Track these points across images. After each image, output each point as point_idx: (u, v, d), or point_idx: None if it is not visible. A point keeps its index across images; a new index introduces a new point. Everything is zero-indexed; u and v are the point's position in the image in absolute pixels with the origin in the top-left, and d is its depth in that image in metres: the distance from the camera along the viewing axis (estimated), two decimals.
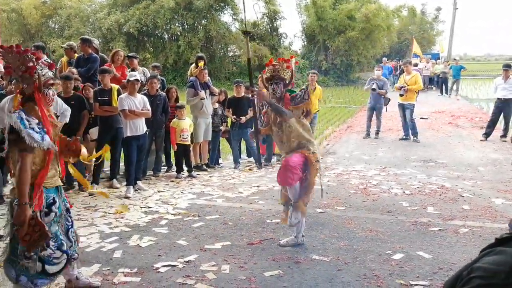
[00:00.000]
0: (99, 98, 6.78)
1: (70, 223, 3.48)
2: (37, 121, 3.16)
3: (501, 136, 10.75)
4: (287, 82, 4.47)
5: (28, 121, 3.10)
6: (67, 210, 3.47)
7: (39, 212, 3.16)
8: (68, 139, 3.57)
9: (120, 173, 7.58)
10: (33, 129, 3.09)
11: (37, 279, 3.23)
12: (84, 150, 3.67)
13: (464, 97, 22.24)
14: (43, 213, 3.20)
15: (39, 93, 3.22)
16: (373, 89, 11.11)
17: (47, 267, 3.22)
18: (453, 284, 0.93)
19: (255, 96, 4.72)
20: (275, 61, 4.59)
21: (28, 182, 3.08)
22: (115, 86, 6.90)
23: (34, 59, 3.19)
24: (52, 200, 3.27)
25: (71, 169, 3.82)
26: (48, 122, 3.24)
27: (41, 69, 3.23)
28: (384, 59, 27.13)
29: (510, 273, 0.81)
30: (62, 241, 3.33)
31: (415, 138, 10.96)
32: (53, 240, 3.25)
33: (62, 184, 3.46)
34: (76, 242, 3.53)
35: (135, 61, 8.16)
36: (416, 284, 3.77)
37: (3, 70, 7.58)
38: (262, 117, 4.75)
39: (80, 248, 3.79)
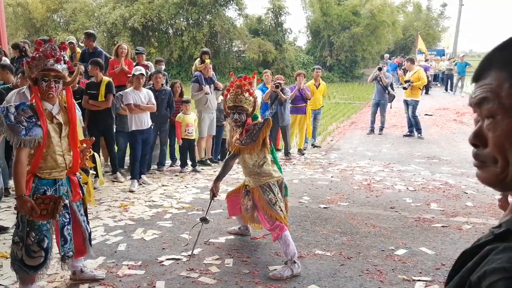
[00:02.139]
0: (88, 91, 6.70)
1: (67, 220, 3.38)
2: (30, 114, 3.13)
3: None
4: (250, 111, 4.18)
5: (18, 114, 3.08)
6: (65, 206, 3.34)
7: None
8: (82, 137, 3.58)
9: (125, 167, 7.62)
10: (20, 122, 3.07)
11: (16, 265, 3.25)
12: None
13: (469, 94, 22.13)
14: None
15: (32, 85, 3.23)
16: (379, 69, 11.10)
17: (24, 256, 3.19)
18: None
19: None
20: (236, 83, 4.18)
21: (22, 175, 3.10)
22: (106, 80, 6.73)
23: (33, 51, 3.20)
24: (42, 192, 3.22)
25: (88, 181, 3.77)
26: (43, 115, 3.16)
27: (38, 60, 3.17)
28: (386, 55, 27.04)
29: None
30: (45, 238, 3.22)
31: (419, 134, 10.97)
32: (35, 232, 3.19)
33: (63, 177, 3.35)
34: (71, 240, 3.43)
35: (142, 57, 8.27)
36: (419, 280, 3.79)
37: (9, 63, 7.64)
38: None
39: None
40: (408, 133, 11.20)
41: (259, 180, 4.17)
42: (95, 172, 6.60)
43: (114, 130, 7.13)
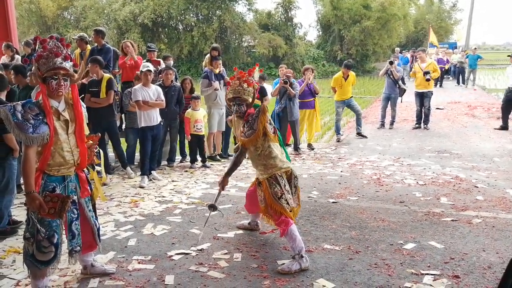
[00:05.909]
0: (89, 89, 6.75)
1: (76, 216, 3.41)
2: (37, 111, 3.15)
3: None
4: (250, 102, 4.25)
5: (24, 112, 3.11)
6: (73, 202, 3.37)
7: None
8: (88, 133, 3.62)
9: (135, 163, 7.68)
10: (27, 120, 3.09)
11: (28, 260, 3.30)
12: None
13: (481, 87, 21.92)
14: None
15: (41, 83, 3.24)
16: (390, 62, 11.04)
17: (35, 251, 3.23)
18: None
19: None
20: (237, 76, 4.25)
21: (31, 172, 3.13)
22: (106, 77, 6.78)
23: (41, 48, 3.21)
24: (51, 189, 3.25)
25: (95, 177, 3.78)
26: (50, 113, 3.18)
27: (47, 59, 3.18)
28: (397, 49, 26.83)
29: None
30: (55, 233, 3.25)
31: (425, 125, 11.11)
32: (45, 228, 3.21)
33: (72, 174, 3.38)
34: (79, 236, 3.46)
35: (154, 54, 8.33)
36: (427, 274, 3.78)
37: (20, 62, 7.74)
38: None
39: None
40: (417, 125, 11.20)
41: (266, 172, 4.17)
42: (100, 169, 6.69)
43: (124, 126, 7.17)
